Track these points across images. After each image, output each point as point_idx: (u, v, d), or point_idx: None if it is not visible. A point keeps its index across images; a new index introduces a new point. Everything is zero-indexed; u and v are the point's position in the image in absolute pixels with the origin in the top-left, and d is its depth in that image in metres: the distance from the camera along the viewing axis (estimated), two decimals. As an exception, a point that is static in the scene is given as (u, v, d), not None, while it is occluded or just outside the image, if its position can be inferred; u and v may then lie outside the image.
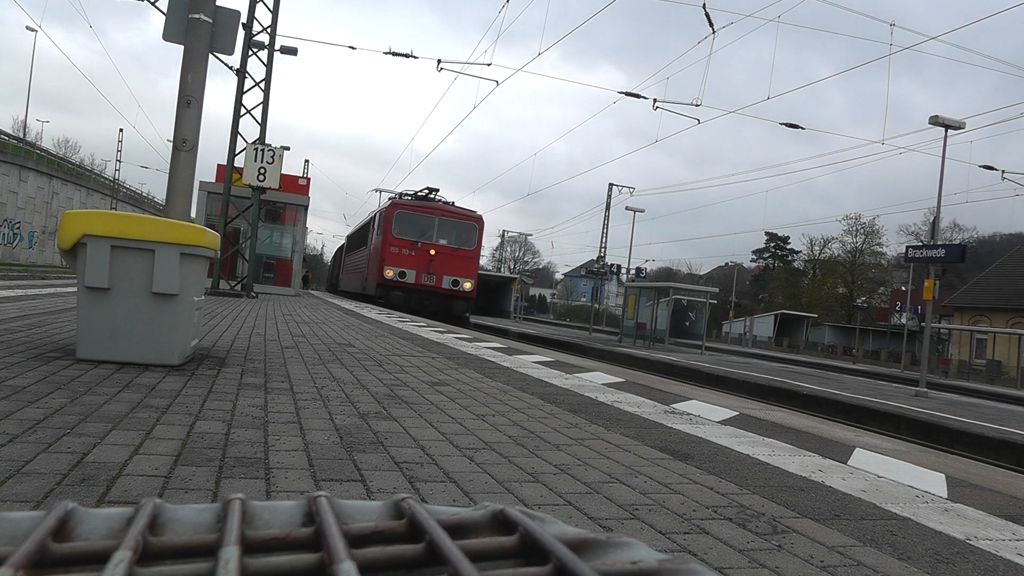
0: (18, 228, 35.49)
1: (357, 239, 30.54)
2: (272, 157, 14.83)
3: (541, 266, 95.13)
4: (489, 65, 24.55)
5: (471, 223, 22.02)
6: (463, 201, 60.72)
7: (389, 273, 20.32)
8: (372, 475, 2.18)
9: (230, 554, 0.34)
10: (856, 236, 60.08)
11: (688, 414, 4.08)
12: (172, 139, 6.71)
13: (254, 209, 15.80)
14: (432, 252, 20.80)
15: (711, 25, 15.35)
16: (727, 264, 74.28)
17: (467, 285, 21.04)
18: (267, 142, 15.58)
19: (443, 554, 0.35)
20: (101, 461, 2.06)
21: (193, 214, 16.90)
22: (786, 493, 2.43)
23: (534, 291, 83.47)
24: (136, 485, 1.88)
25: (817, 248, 65.07)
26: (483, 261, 40.55)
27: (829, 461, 3.08)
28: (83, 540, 0.36)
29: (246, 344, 5.63)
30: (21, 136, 42.42)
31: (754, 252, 75.92)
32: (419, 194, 22.96)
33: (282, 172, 15.29)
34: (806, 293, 61.85)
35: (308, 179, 23.47)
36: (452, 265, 20.96)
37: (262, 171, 14.74)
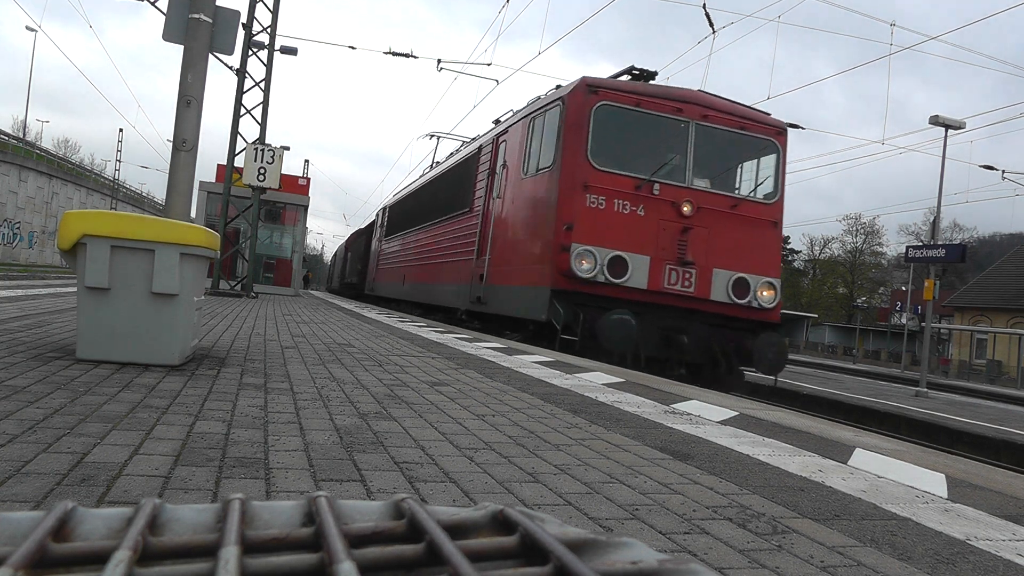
0: (18, 228, 35.53)
1: (436, 191, 15.47)
2: (272, 157, 14.84)
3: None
4: (489, 65, 24.62)
5: (766, 140, 9.49)
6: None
7: (583, 264, 8.34)
8: (372, 475, 2.18)
9: (230, 554, 0.34)
10: (856, 236, 60.24)
11: (688, 414, 4.08)
12: (172, 139, 6.72)
13: (254, 209, 15.80)
14: (686, 210, 8.73)
15: (711, 25, 15.33)
16: (727, 264, 74.09)
17: (767, 293, 9.09)
18: (267, 142, 15.60)
19: (443, 554, 0.35)
20: (101, 461, 2.06)
21: (193, 214, 16.90)
22: (786, 493, 2.43)
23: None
24: (136, 485, 1.88)
25: (817, 248, 65.19)
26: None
27: (829, 461, 3.08)
28: (83, 540, 0.36)
29: (246, 344, 5.63)
30: (21, 136, 42.48)
31: (754, 252, 75.78)
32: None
33: (282, 172, 15.30)
34: (806, 293, 61.91)
35: (308, 179, 23.53)
36: (734, 243, 8.99)
37: (262, 171, 14.75)
